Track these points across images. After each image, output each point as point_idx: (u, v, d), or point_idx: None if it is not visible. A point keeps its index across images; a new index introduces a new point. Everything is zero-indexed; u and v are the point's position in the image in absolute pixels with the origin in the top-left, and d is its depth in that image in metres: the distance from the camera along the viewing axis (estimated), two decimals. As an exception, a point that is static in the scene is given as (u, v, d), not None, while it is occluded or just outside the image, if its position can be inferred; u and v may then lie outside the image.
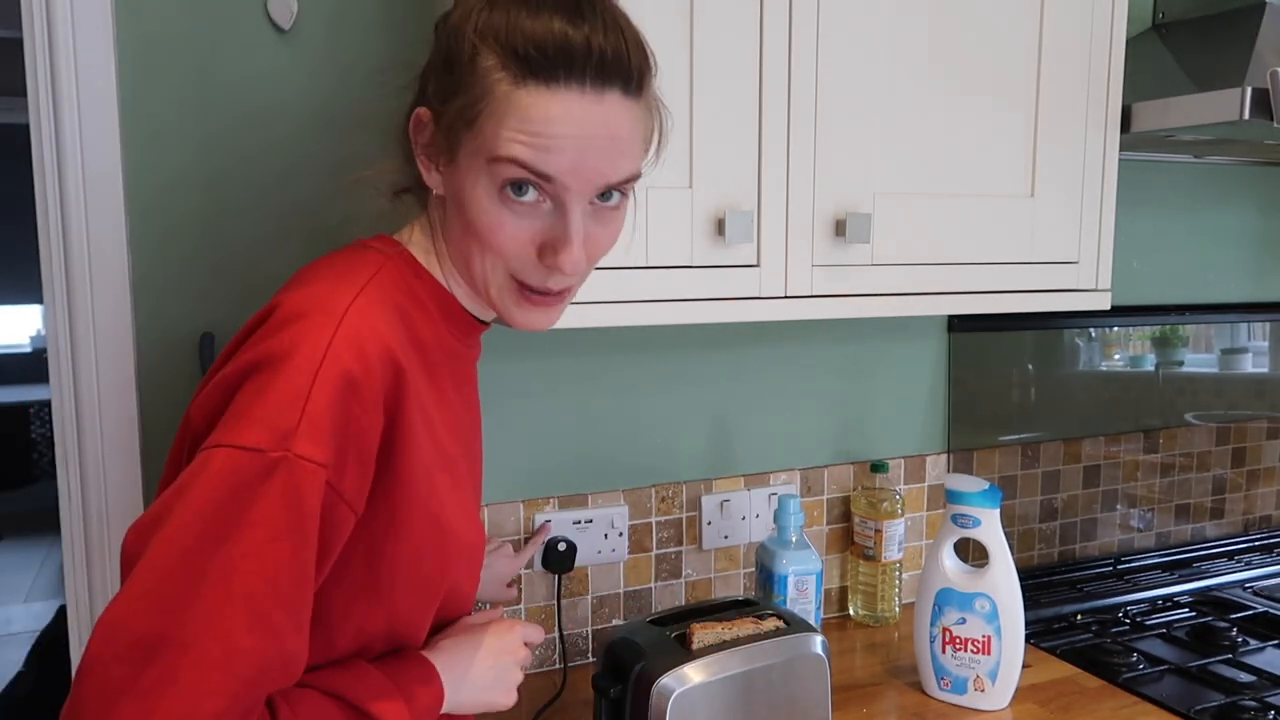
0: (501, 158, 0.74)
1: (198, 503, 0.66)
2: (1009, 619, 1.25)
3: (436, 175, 0.81)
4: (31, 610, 3.96)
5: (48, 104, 1.10)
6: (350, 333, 0.72)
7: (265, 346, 0.71)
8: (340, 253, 0.84)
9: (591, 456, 1.41)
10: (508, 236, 0.77)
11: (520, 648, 0.91)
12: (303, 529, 0.68)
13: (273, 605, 0.67)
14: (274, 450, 0.67)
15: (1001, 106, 1.23)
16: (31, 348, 5.41)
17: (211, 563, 0.65)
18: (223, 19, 1.16)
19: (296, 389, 0.68)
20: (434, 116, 0.79)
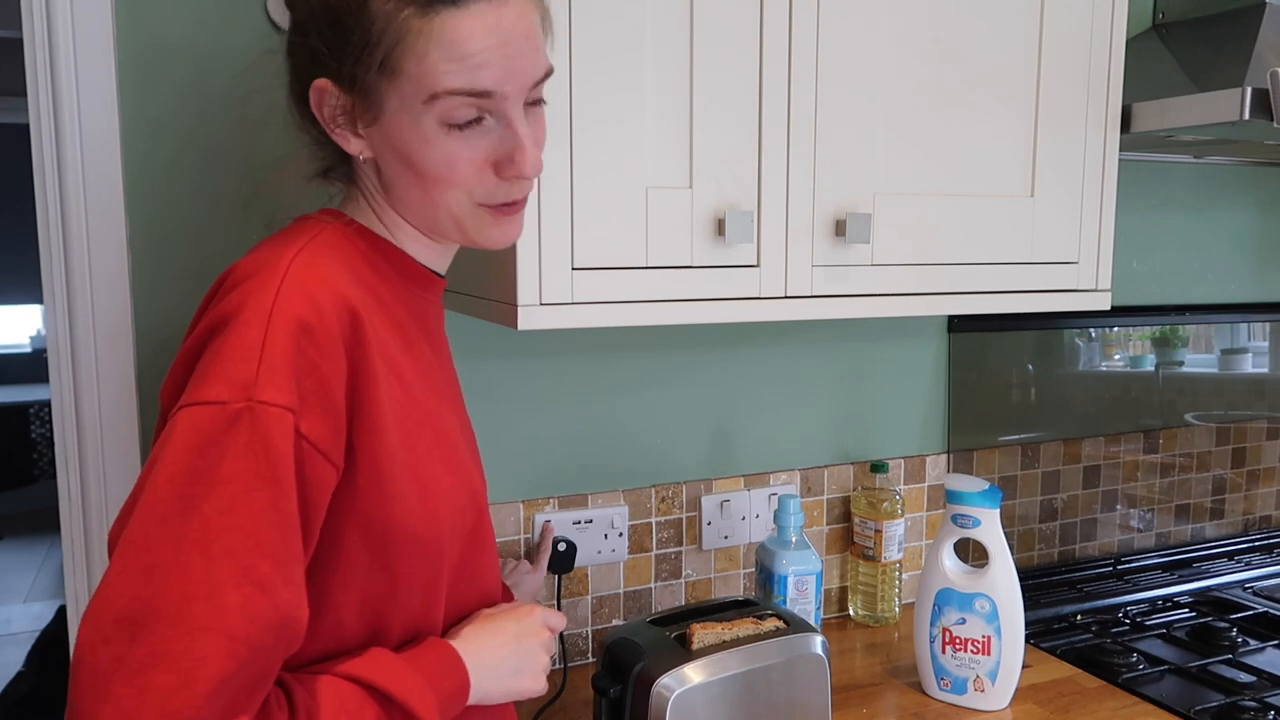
0: (440, 93, 0.74)
1: (167, 468, 0.65)
2: (1009, 619, 1.25)
3: (358, 140, 0.79)
4: (31, 610, 3.96)
5: (48, 104, 1.10)
6: (296, 281, 0.72)
7: (216, 311, 0.72)
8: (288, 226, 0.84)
9: (591, 456, 1.41)
10: (464, 166, 0.78)
11: (543, 630, 0.88)
12: (277, 476, 0.67)
13: (257, 557, 0.65)
14: (235, 401, 0.66)
15: (1001, 106, 1.23)
16: (31, 348, 5.41)
17: (188, 525, 0.64)
18: (223, 19, 1.16)
19: (250, 340, 0.68)
20: (337, 82, 0.77)
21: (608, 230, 1.03)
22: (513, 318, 1.02)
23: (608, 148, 1.02)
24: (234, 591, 0.64)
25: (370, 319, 0.75)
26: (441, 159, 0.77)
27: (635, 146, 1.04)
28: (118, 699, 0.61)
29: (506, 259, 1.02)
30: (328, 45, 0.75)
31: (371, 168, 0.82)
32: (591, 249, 1.03)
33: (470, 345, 1.32)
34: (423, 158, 0.77)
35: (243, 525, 0.65)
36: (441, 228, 0.83)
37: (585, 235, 1.02)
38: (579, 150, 1.01)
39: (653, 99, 1.05)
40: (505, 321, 1.04)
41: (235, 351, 0.68)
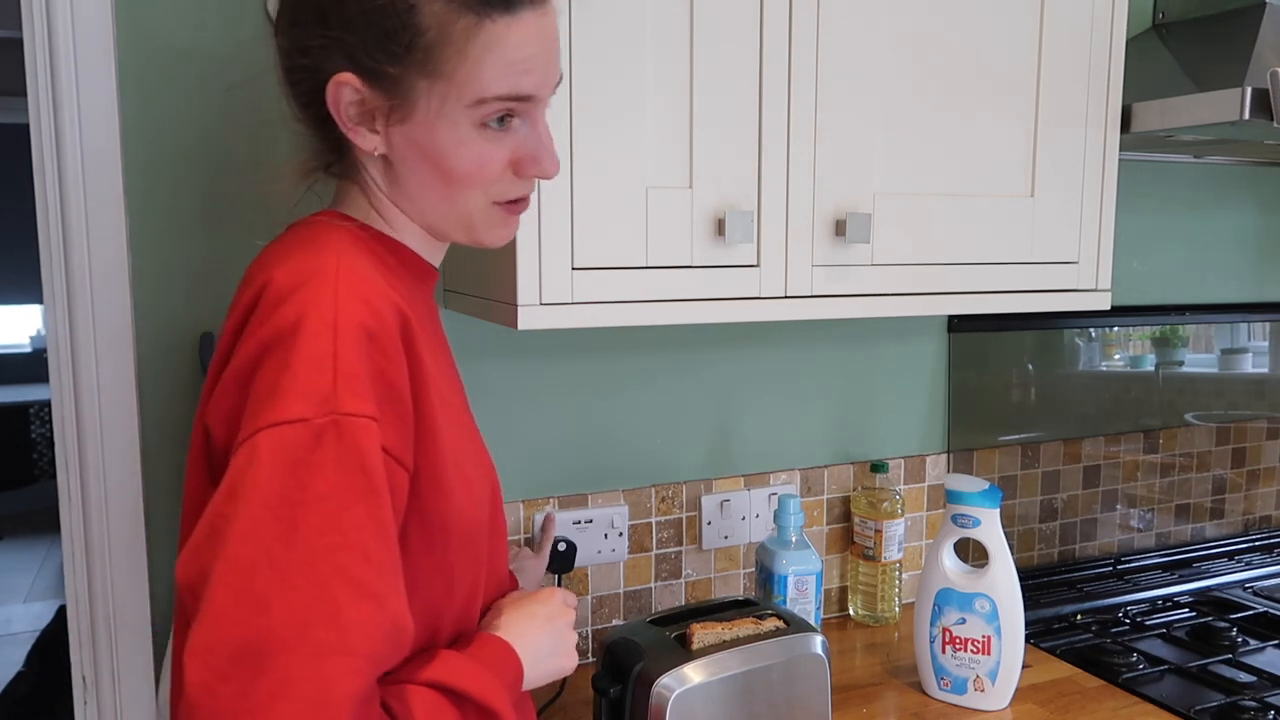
0: (489, 99, 0.75)
1: (258, 493, 0.63)
2: (1009, 619, 1.25)
3: (374, 136, 0.78)
4: (31, 610, 3.96)
5: (48, 104, 1.10)
6: (350, 287, 0.70)
7: (270, 325, 0.68)
8: (294, 231, 0.81)
9: (591, 456, 1.41)
10: (494, 166, 0.78)
11: (568, 610, 0.91)
12: (373, 487, 0.66)
13: (367, 572, 0.64)
14: (318, 416, 0.64)
15: (1001, 106, 1.23)
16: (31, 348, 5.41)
17: (292, 550, 0.62)
18: (223, 19, 1.16)
19: (320, 351, 0.66)
20: (364, 78, 0.75)
21: (608, 230, 1.03)
22: (513, 318, 1.02)
23: (608, 148, 1.02)
24: (351, 609, 0.62)
25: (411, 315, 0.75)
26: (473, 159, 0.77)
27: (635, 146, 1.04)
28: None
29: (506, 259, 1.02)
30: (364, 43, 0.74)
31: (378, 164, 0.81)
32: (591, 249, 1.03)
33: (470, 345, 1.32)
34: (455, 158, 0.77)
35: (348, 541, 0.64)
36: (449, 227, 0.82)
37: (585, 235, 1.02)
38: (579, 150, 1.01)
39: (653, 99, 1.05)
40: (505, 321, 1.04)
41: (307, 365, 0.65)
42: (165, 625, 1.20)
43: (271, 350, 0.67)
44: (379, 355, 0.69)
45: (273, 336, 0.68)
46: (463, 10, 0.73)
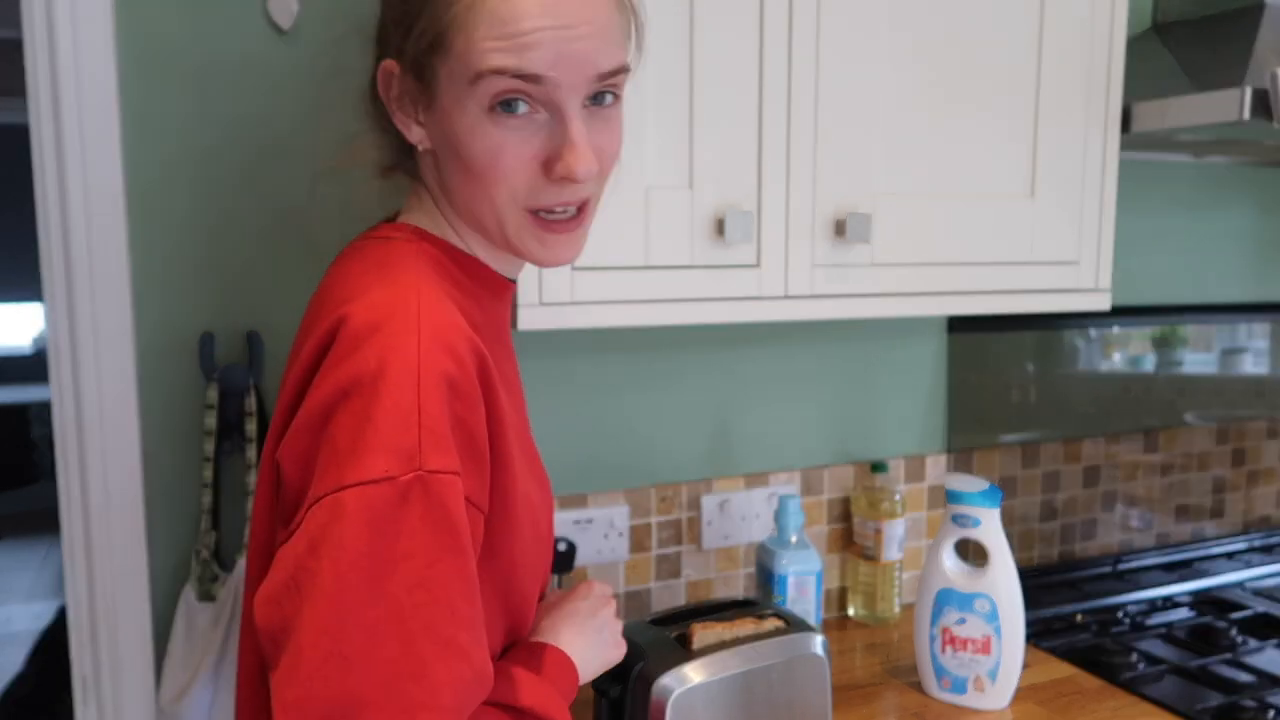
0: (484, 71, 0.69)
1: (345, 553, 0.62)
2: (1009, 619, 1.25)
3: (418, 128, 0.76)
4: (31, 610, 3.96)
5: (48, 104, 1.10)
6: (433, 331, 0.67)
7: (348, 369, 0.66)
8: (367, 248, 0.78)
9: (591, 456, 1.41)
10: (510, 159, 0.72)
11: (607, 602, 0.92)
12: (459, 544, 0.65)
13: (455, 628, 0.64)
14: (405, 473, 0.63)
15: (1001, 106, 1.23)
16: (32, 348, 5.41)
17: (379, 608, 0.61)
18: (223, 19, 1.16)
19: (405, 404, 0.64)
20: (400, 63, 0.74)
21: (608, 230, 1.03)
22: (513, 318, 1.02)
23: (608, 148, 1.02)
24: (440, 666, 0.63)
25: (488, 353, 0.72)
26: (485, 148, 0.72)
27: (635, 146, 1.04)
28: None
29: (506, 259, 1.02)
30: (394, 23, 0.73)
31: (433, 162, 0.78)
32: (592, 249, 1.03)
33: (470, 345, 1.32)
34: (468, 146, 0.72)
35: (436, 599, 0.63)
36: (492, 232, 0.77)
37: (585, 235, 1.02)
38: (579, 150, 1.01)
39: (653, 99, 1.05)
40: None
41: (391, 418, 0.63)
42: (165, 625, 1.20)
43: (351, 397, 0.65)
44: (460, 404, 0.67)
45: (352, 382, 0.65)
46: None
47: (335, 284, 0.76)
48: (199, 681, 1.15)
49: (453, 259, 0.78)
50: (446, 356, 0.66)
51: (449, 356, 0.67)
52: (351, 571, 0.61)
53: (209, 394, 1.18)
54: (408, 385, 0.64)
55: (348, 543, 0.62)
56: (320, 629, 0.61)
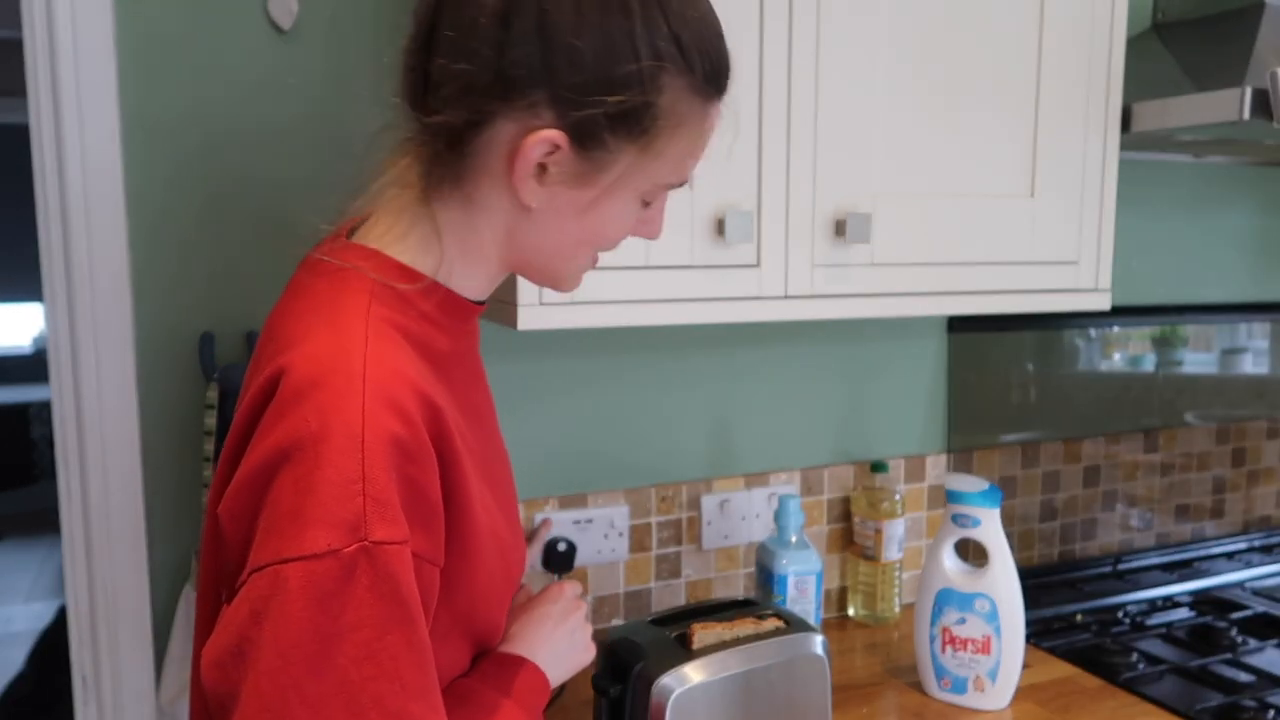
0: (677, 184, 0.77)
1: (288, 628, 0.60)
2: (1009, 619, 1.25)
3: (541, 191, 0.73)
4: (31, 610, 3.96)
5: (48, 104, 1.10)
6: (377, 389, 0.64)
7: (288, 428, 0.63)
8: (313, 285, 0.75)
9: (591, 456, 1.41)
10: (625, 234, 0.79)
11: (578, 605, 0.93)
12: (409, 615, 0.63)
13: (404, 700, 0.62)
14: (348, 545, 0.61)
15: (1001, 106, 1.23)
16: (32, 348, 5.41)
17: (326, 683, 0.60)
18: (223, 19, 1.16)
19: (348, 472, 0.62)
20: (574, 140, 0.71)
21: (608, 230, 1.03)
22: (513, 317, 1.02)
23: (608, 148, 1.02)
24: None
25: (441, 398, 0.70)
26: (622, 228, 0.78)
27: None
28: None
29: (506, 259, 1.02)
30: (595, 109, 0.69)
31: (507, 210, 0.75)
32: (591, 249, 1.03)
33: (470, 345, 1.32)
34: (610, 226, 0.77)
35: (385, 671, 0.62)
36: (542, 273, 0.81)
37: (585, 235, 1.02)
38: (579, 150, 1.01)
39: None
40: (505, 321, 1.04)
41: (334, 488, 0.61)
42: (165, 625, 1.20)
43: (291, 460, 0.63)
44: (409, 465, 0.65)
45: (292, 443, 0.63)
46: (695, 92, 0.73)
47: (283, 320, 0.74)
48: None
49: (418, 290, 0.75)
50: (393, 417, 0.64)
51: (395, 416, 0.64)
52: (295, 648, 0.60)
53: (209, 394, 1.18)
54: (350, 450, 0.62)
55: (291, 617, 0.60)
56: (263, 705, 0.60)
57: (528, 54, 0.68)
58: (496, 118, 0.71)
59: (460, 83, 0.70)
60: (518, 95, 0.69)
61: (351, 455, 0.62)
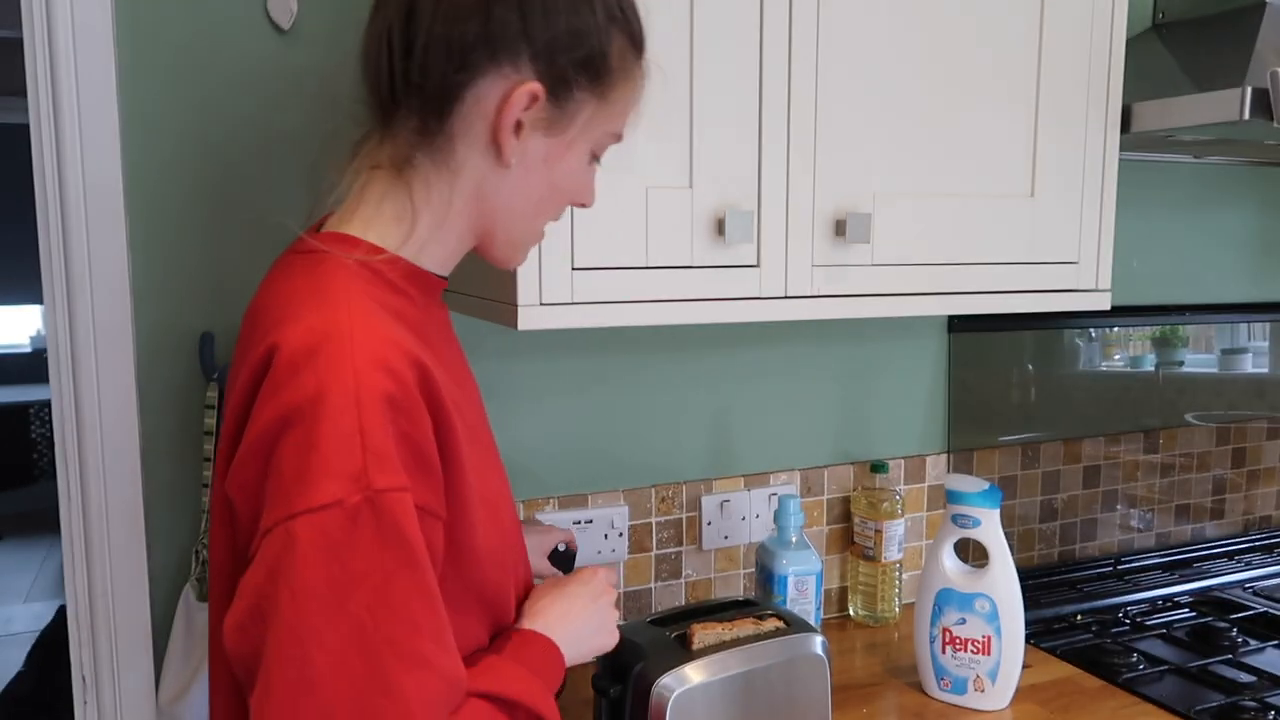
0: (618, 132, 0.85)
1: (301, 580, 0.64)
2: (1009, 619, 1.25)
3: (519, 147, 0.79)
4: (31, 610, 3.96)
5: (48, 104, 1.10)
6: (368, 351, 0.69)
7: (287, 397, 0.67)
8: (293, 269, 0.79)
9: (591, 456, 1.41)
10: (578, 193, 0.86)
11: (609, 588, 0.95)
12: (415, 558, 0.67)
13: (418, 640, 0.67)
14: (353, 495, 0.65)
15: (1001, 106, 1.23)
16: (31, 348, 5.41)
17: (341, 630, 0.64)
18: (223, 19, 1.16)
19: (347, 427, 0.65)
20: (550, 91, 0.78)
21: (608, 230, 1.03)
22: (513, 318, 1.02)
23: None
24: (407, 679, 0.65)
25: (429, 359, 0.73)
26: (582, 185, 0.86)
27: (635, 146, 1.04)
28: None
29: (506, 259, 1.02)
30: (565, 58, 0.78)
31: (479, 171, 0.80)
32: (591, 249, 1.03)
33: (470, 345, 1.32)
34: (571, 179, 0.83)
35: (396, 614, 0.65)
36: (501, 241, 0.85)
37: (585, 235, 1.02)
38: (579, 150, 1.01)
39: (653, 98, 1.04)
40: (505, 321, 1.04)
41: (334, 443, 0.65)
42: (165, 625, 1.20)
43: (292, 425, 0.66)
44: (404, 420, 0.69)
45: (292, 410, 0.67)
46: (632, 48, 0.82)
47: (266, 306, 0.78)
48: (198, 681, 1.15)
49: (389, 266, 0.79)
50: (384, 375, 0.68)
51: (386, 375, 0.68)
52: (310, 599, 0.64)
53: (209, 394, 1.18)
54: (347, 408, 0.66)
55: (303, 570, 0.64)
56: (286, 656, 0.63)
57: (508, 13, 0.76)
58: (482, 75, 0.77)
59: (449, 45, 0.76)
60: (504, 52, 0.76)
61: (348, 412, 0.66)
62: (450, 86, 0.77)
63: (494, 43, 0.76)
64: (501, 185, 0.81)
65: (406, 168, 0.80)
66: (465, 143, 0.79)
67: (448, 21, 0.76)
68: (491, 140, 0.78)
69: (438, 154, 0.79)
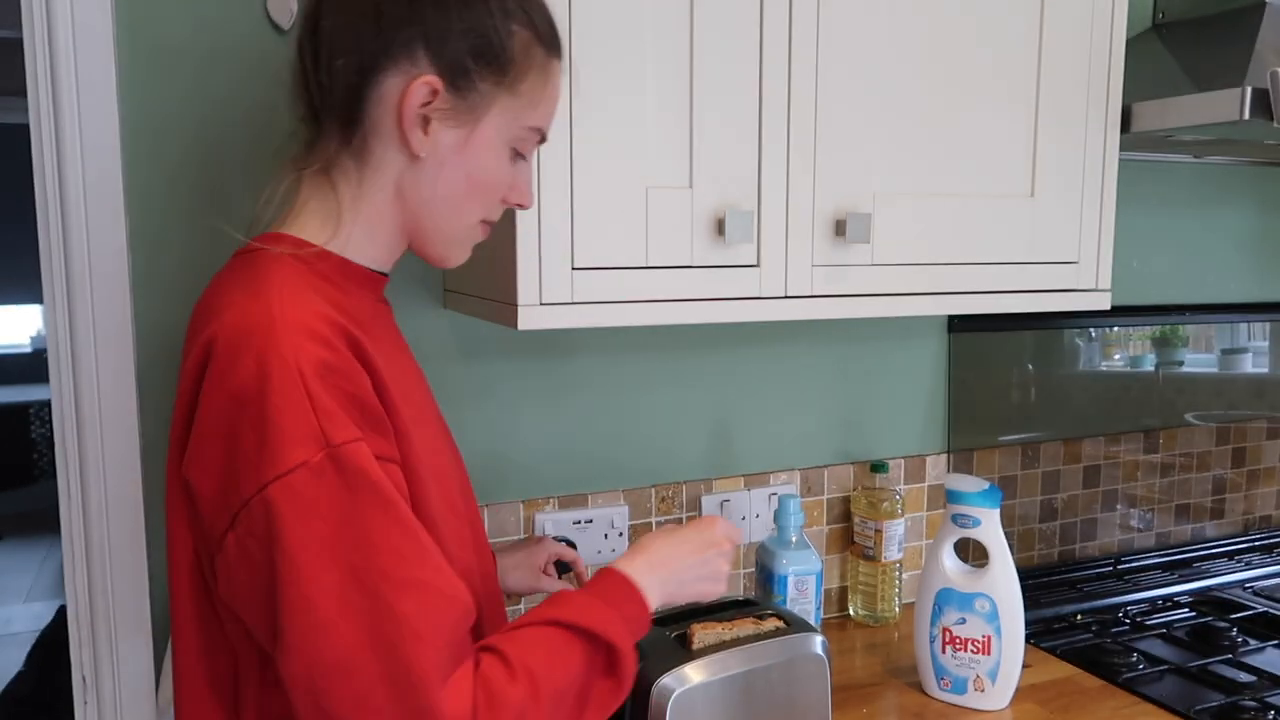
0: (539, 128, 0.87)
1: (288, 541, 0.69)
2: (1009, 619, 1.25)
3: (426, 140, 0.82)
4: (31, 610, 3.96)
5: (48, 104, 1.10)
6: (297, 325, 0.74)
7: (232, 382, 0.72)
8: (230, 270, 0.85)
9: (591, 456, 1.41)
10: (503, 187, 0.87)
11: (724, 540, 0.96)
12: (384, 496, 0.72)
13: (407, 566, 0.71)
14: (315, 454, 0.70)
15: (1002, 106, 1.23)
16: (31, 348, 5.41)
17: (335, 574, 0.69)
18: (223, 19, 1.16)
19: (295, 397, 0.71)
20: (448, 84, 0.81)
21: (608, 230, 1.03)
22: (513, 318, 1.02)
23: (607, 147, 1.02)
24: (405, 601, 0.70)
25: (356, 329, 0.78)
26: (499, 177, 0.86)
27: (635, 146, 1.04)
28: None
29: (506, 259, 1.02)
30: (462, 51, 0.81)
31: (397, 166, 0.84)
32: (591, 249, 1.03)
33: (470, 345, 1.32)
34: (489, 171, 0.85)
35: (380, 548, 0.71)
36: (432, 237, 0.88)
37: (585, 235, 1.02)
38: (579, 150, 1.01)
39: (653, 98, 1.05)
40: (505, 321, 1.04)
41: (287, 413, 0.70)
42: (165, 625, 1.20)
43: (245, 405, 0.71)
44: (343, 381, 0.74)
45: (240, 391, 0.72)
46: (539, 44, 0.84)
47: (208, 303, 0.83)
48: (199, 681, 1.15)
49: (324, 261, 0.84)
50: (317, 344, 0.73)
51: (319, 343, 0.74)
52: (300, 552, 0.69)
53: (209, 394, 1.17)
54: (291, 379, 0.71)
55: (287, 530, 0.69)
56: (293, 609, 0.69)
57: (400, 11, 0.80)
58: (382, 73, 0.81)
59: (348, 46, 0.81)
60: (398, 47, 0.80)
61: (292, 382, 0.71)
62: (355, 87, 0.82)
63: (389, 41, 0.80)
64: (419, 180, 0.84)
65: (332, 168, 0.85)
66: (379, 140, 0.83)
67: (346, 27, 0.81)
68: (400, 135, 0.82)
69: (357, 153, 0.84)
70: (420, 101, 0.81)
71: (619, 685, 0.83)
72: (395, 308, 1.28)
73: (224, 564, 0.74)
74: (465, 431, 1.33)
